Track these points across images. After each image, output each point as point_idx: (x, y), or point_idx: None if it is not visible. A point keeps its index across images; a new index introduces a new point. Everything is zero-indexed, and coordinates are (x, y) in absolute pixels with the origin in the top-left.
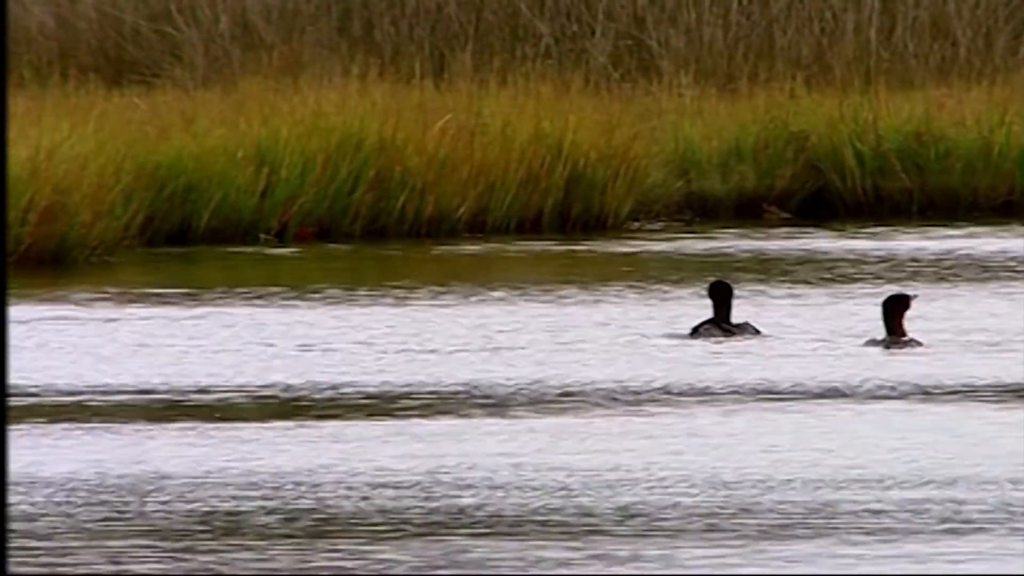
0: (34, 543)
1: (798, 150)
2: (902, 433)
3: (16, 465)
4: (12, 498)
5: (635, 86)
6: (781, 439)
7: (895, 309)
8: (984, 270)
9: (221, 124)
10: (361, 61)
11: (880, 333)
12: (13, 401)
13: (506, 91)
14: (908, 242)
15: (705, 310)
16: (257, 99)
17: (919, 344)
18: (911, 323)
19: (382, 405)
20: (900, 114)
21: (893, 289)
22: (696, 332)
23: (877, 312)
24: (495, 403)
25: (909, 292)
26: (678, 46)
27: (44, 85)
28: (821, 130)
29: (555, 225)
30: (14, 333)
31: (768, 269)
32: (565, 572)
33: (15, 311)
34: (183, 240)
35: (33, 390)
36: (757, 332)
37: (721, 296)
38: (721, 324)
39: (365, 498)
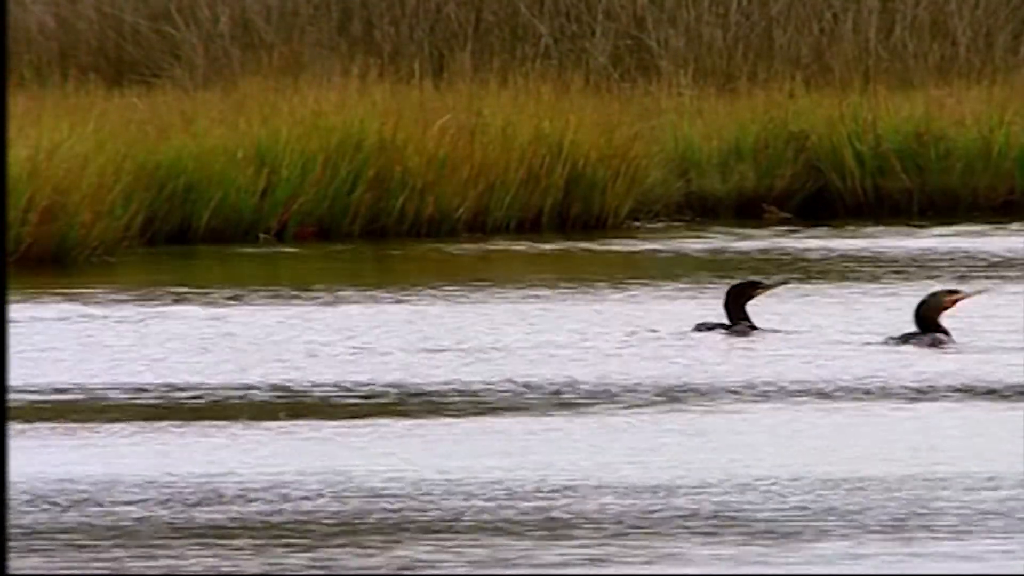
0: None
1: (798, 150)
2: (955, 432)
3: (19, 467)
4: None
5: (635, 86)
6: (826, 439)
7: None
8: (985, 270)
9: (221, 124)
10: (361, 61)
11: (895, 331)
12: (14, 401)
13: (506, 91)
14: (908, 242)
15: (704, 309)
16: (257, 99)
17: (953, 341)
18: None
19: (385, 405)
20: (900, 114)
21: (892, 289)
22: (698, 329)
23: (881, 311)
24: (509, 401)
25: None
26: (678, 46)
27: (44, 85)
28: (821, 130)
29: (555, 225)
30: (13, 332)
31: (768, 269)
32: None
33: (15, 310)
34: (183, 240)
35: (32, 390)
36: (754, 328)
37: (729, 299)
38: (722, 323)
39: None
